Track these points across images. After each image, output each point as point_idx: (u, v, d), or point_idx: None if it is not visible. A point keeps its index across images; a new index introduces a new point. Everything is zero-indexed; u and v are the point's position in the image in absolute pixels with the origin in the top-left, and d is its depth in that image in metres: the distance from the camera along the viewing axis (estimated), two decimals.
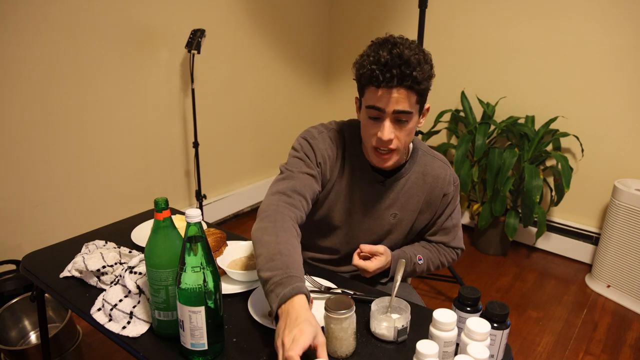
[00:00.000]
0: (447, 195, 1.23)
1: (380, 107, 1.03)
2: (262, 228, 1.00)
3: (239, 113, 3.01)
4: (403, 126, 1.06)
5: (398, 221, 1.23)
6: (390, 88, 1.00)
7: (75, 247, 1.27)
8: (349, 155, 1.19)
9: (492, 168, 2.49)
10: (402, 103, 1.02)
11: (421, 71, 1.00)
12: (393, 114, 1.03)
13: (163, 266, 0.88)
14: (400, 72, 0.98)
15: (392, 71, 0.98)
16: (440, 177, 1.22)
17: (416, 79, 0.99)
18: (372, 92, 1.03)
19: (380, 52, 1.00)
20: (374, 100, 1.03)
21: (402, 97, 1.01)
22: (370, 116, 1.06)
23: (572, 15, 2.45)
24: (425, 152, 1.24)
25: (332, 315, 0.85)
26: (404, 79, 0.99)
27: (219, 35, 2.71)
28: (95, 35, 2.18)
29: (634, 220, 2.21)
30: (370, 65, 1.01)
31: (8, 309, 1.75)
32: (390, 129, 1.04)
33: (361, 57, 1.06)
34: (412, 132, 1.09)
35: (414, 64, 0.99)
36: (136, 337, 0.95)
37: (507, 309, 0.87)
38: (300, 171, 1.13)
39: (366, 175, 1.19)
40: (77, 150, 2.23)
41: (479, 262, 2.68)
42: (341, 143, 1.20)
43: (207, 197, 2.80)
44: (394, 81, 0.99)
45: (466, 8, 2.79)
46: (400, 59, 0.98)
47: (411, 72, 0.98)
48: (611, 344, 2.02)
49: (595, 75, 2.46)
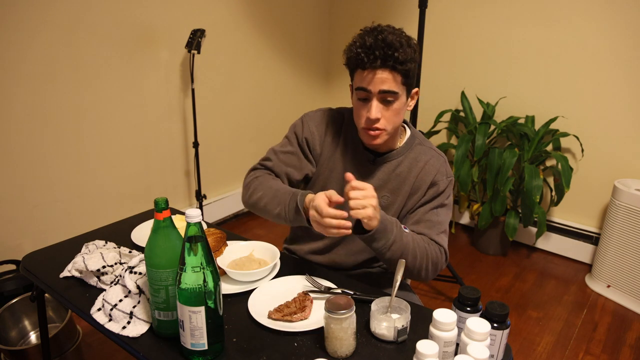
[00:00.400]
0: (437, 185, 1.21)
1: (366, 88, 1.10)
2: (252, 191, 1.20)
3: (239, 113, 3.01)
4: (390, 106, 1.12)
5: (389, 204, 1.24)
6: (375, 69, 1.07)
7: (75, 247, 1.27)
8: (345, 134, 1.27)
9: (492, 168, 2.49)
10: (387, 83, 1.08)
11: (403, 52, 1.06)
12: (379, 94, 1.10)
13: (163, 266, 0.88)
14: (383, 54, 1.05)
15: (375, 53, 1.06)
16: (432, 164, 1.22)
17: (398, 59, 1.06)
18: (360, 75, 1.11)
19: (366, 37, 1.08)
20: (361, 82, 1.11)
21: (386, 77, 1.08)
22: (359, 97, 1.13)
23: (572, 15, 2.45)
24: (421, 142, 1.27)
25: (332, 315, 0.85)
26: (387, 59, 1.06)
27: (219, 35, 2.71)
28: (95, 36, 2.18)
29: (634, 220, 2.21)
30: (357, 49, 1.09)
31: (8, 309, 1.75)
32: (378, 108, 1.11)
33: (350, 44, 1.13)
34: (400, 113, 1.14)
35: (397, 46, 1.06)
36: (136, 337, 0.95)
37: (507, 309, 0.87)
38: (281, 151, 1.26)
39: (358, 155, 1.25)
40: (77, 150, 2.23)
41: (479, 262, 2.68)
42: (338, 122, 1.28)
43: (207, 197, 2.80)
44: (378, 62, 1.06)
45: (466, 8, 2.79)
46: (383, 42, 1.06)
47: (393, 52, 1.05)
48: (611, 344, 2.02)
49: (595, 76, 2.46)
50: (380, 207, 1.20)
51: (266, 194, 1.17)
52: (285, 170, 1.25)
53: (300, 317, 0.98)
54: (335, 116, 1.29)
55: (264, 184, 1.19)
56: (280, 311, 0.99)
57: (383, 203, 1.23)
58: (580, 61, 2.49)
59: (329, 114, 1.29)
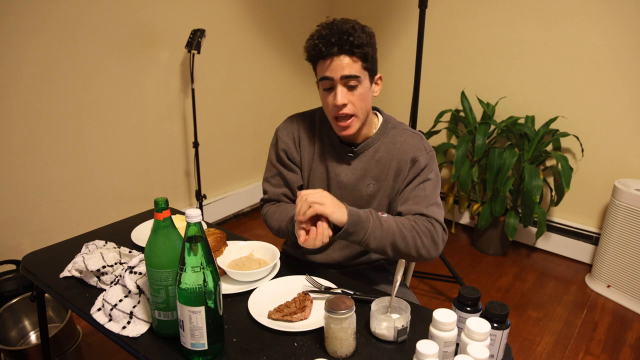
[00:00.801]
0: (418, 162, 1.20)
1: (328, 76, 1.13)
2: (269, 227, 1.29)
3: (239, 113, 3.01)
4: (354, 91, 1.14)
5: (374, 191, 1.25)
6: (333, 55, 1.11)
7: (75, 247, 1.27)
8: (320, 134, 1.29)
9: (492, 168, 2.49)
10: (347, 68, 1.11)
11: (359, 37, 1.10)
12: (341, 79, 1.12)
13: (163, 266, 0.88)
14: (339, 39, 1.09)
15: (331, 40, 1.09)
16: (409, 143, 1.23)
17: (354, 43, 1.09)
18: (321, 65, 1.14)
19: (322, 30, 1.12)
20: (323, 71, 1.14)
21: (346, 62, 1.11)
22: (324, 88, 1.16)
23: (572, 15, 2.45)
24: (395, 126, 1.28)
25: (332, 315, 0.85)
26: (343, 44, 1.09)
27: (219, 35, 2.71)
28: (95, 36, 2.18)
29: (634, 220, 2.21)
30: (313, 41, 1.13)
31: (8, 309, 1.75)
32: (343, 93, 1.13)
33: (307, 39, 1.16)
34: (366, 98, 1.16)
35: (351, 31, 1.10)
36: (136, 337, 0.95)
37: (507, 309, 0.87)
38: (269, 177, 1.33)
39: (336, 150, 1.27)
40: (77, 150, 2.23)
41: (479, 262, 2.68)
42: (309, 123, 1.31)
43: (207, 197, 2.80)
44: (335, 49, 1.10)
45: (466, 8, 2.79)
46: (338, 29, 1.10)
47: (348, 37, 1.09)
48: (611, 344, 2.02)
49: (595, 76, 2.46)
50: (367, 196, 1.23)
51: (273, 226, 1.27)
52: (281, 193, 1.32)
53: (300, 317, 0.98)
54: (305, 118, 1.32)
55: (270, 219, 1.29)
56: (280, 311, 0.99)
57: (369, 191, 1.25)
58: (580, 61, 2.49)
59: (298, 118, 1.33)
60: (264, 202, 1.35)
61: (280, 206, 1.28)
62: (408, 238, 1.11)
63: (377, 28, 3.17)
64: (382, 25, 3.18)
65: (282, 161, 1.30)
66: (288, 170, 1.30)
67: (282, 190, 1.31)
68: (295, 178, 1.31)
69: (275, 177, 1.32)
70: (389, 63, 3.21)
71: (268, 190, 1.33)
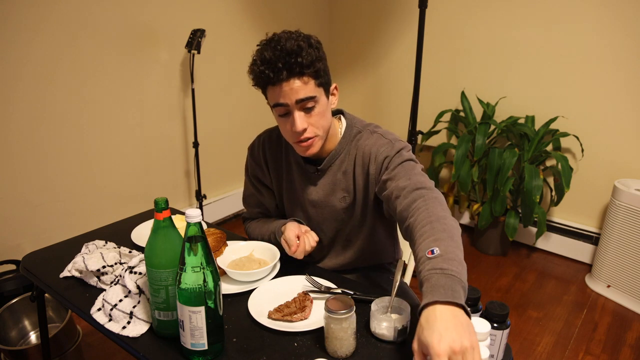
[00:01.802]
0: (390, 157, 1.11)
1: (282, 102, 1.06)
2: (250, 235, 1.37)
3: (239, 113, 3.01)
4: (312, 112, 1.08)
5: (350, 203, 1.20)
6: (282, 81, 1.03)
7: (75, 247, 1.27)
8: (286, 154, 1.26)
9: (492, 168, 2.49)
10: (301, 91, 1.04)
11: (306, 55, 1.02)
12: (297, 103, 1.05)
13: (163, 266, 0.88)
14: (286, 62, 1.01)
15: (278, 65, 1.01)
16: (376, 145, 1.14)
17: (302, 64, 1.01)
18: (272, 91, 1.07)
19: (265, 53, 1.03)
20: (275, 98, 1.06)
21: (298, 86, 1.03)
22: (280, 114, 1.09)
23: (572, 15, 2.45)
24: (360, 129, 1.19)
25: (332, 315, 0.85)
26: (292, 68, 1.01)
27: (219, 35, 2.71)
28: (95, 36, 2.18)
29: (634, 220, 2.21)
30: (259, 67, 1.04)
31: (8, 309, 1.75)
32: (301, 118, 1.07)
33: (251, 63, 1.08)
34: (325, 114, 1.10)
35: (297, 52, 1.01)
36: (136, 337, 0.95)
37: (507, 309, 0.87)
38: (247, 197, 1.37)
39: (301, 169, 1.23)
40: (77, 150, 2.23)
41: (479, 262, 2.68)
42: (276, 143, 1.27)
43: (207, 197, 2.80)
44: (283, 74, 1.02)
45: (466, 8, 2.79)
46: (282, 51, 1.01)
47: (296, 59, 1.01)
48: (611, 344, 2.02)
49: (595, 76, 2.46)
50: (342, 209, 1.21)
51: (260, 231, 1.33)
52: (257, 211, 1.37)
53: (300, 317, 0.98)
54: (272, 138, 1.27)
55: (251, 234, 1.36)
56: (280, 311, 0.99)
57: (345, 204, 1.21)
58: (580, 61, 2.49)
59: (265, 137, 1.28)
60: (244, 221, 1.41)
61: (260, 221, 1.35)
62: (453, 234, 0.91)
63: (377, 28, 3.18)
64: (382, 25, 3.18)
65: (254, 184, 1.33)
66: (260, 194, 1.33)
67: (258, 209, 1.37)
68: (269, 198, 1.33)
69: (251, 197, 1.36)
70: (389, 63, 3.21)
71: (246, 209, 1.40)
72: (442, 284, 0.79)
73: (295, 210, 1.29)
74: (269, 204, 1.34)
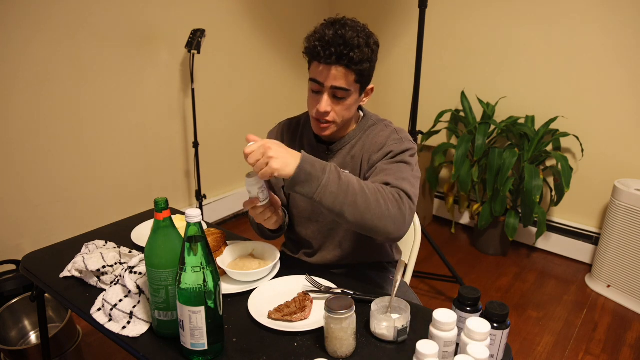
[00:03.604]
0: (394, 153, 1.15)
1: (319, 81, 1.11)
2: None
3: (239, 113, 3.01)
4: (340, 102, 1.13)
5: None
6: (329, 65, 1.08)
7: (75, 247, 1.27)
8: (301, 137, 1.31)
9: (492, 168, 2.49)
10: (339, 80, 1.09)
11: (360, 53, 1.07)
12: (331, 89, 1.11)
13: (163, 266, 0.88)
14: (339, 51, 1.05)
15: (331, 49, 1.06)
16: (382, 135, 1.21)
17: (353, 59, 1.06)
18: (315, 67, 1.12)
19: (327, 30, 1.08)
20: (315, 74, 1.12)
21: (339, 74, 1.08)
22: (313, 89, 1.14)
23: (572, 15, 2.45)
24: (375, 122, 1.26)
25: (332, 315, 0.85)
26: (342, 58, 1.06)
27: (219, 35, 2.71)
28: (95, 36, 2.18)
29: (634, 220, 2.21)
30: (315, 41, 1.09)
31: (8, 309, 1.75)
32: (328, 102, 1.12)
33: (311, 33, 1.13)
34: (351, 108, 1.16)
35: (353, 46, 1.06)
36: (136, 337, 0.95)
37: (507, 309, 0.87)
38: None
39: (314, 149, 1.27)
40: (77, 150, 2.23)
41: (479, 262, 2.68)
42: (294, 128, 1.33)
43: (207, 197, 2.80)
44: (332, 58, 1.07)
45: (466, 8, 2.79)
46: (342, 39, 1.05)
47: (349, 52, 1.05)
48: (611, 344, 2.02)
49: (595, 75, 2.46)
50: None
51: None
52: None
53: (300, 317, 0.98)
54: (291, 124, 1.34)
55: None
56: (280, 311, 0.99)
57: None
58: (580, 61, 2.49)
59: (285, 123, 1.35)
60: None
61: None
62: (371, 200, 0.98)
63: (377, 28, 3.18)
64: (382, 25, 3.18)
65: None
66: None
67: None
68: (276, 180, 1.32)
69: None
70: (389, 63, 3.21)
71: None
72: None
73: (296, 195, 1.29)
74: (275, 185, 1.33)
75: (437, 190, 3.14)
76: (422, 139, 2.93)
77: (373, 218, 0.99)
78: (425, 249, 2.60)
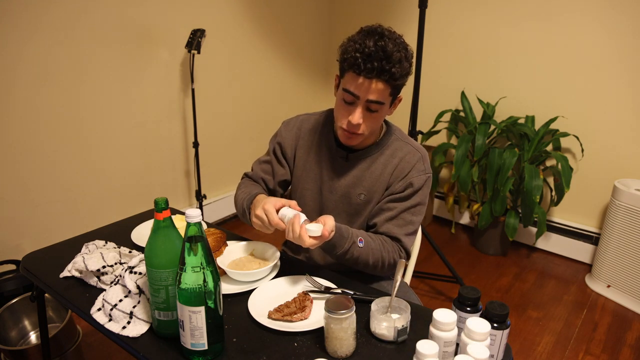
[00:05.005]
0: (412, 184, 1.19)
1: (356, 94, 1.09)
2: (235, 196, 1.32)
3: (239, 113, 3.01)
4: (372, 114, 1.12)
5: (365, 202, 1.24)
6: (369, 79, 1.06)
7: (75, 247, 1.27)
8: (320, 135, 1.29)
9: (492, 168, 2.49)
10: (376, 94, 1.08)
11: (400, 68, 1.06)
12: (366, 102, 1.09)
13: (163, 266, 0.89)
14: (381, 66, 1.04)
15: (373, 63, 1.04)
16: (407, 160, 1.21)
17: (394, 75, 1.05)
18: (352, 77, 1.08)
19: (367, 41, 1.05)
20: (352, 86, 1.09)
21: (378, 88, 1.07)
22: (346, 100, 1.12)
23: (572, 15, 2.45)
24: (399, 138, 1.25)
25: (332, 315, 0.85)
26: (383, 73, 1.05)
27: (219, 35, 2.71)
28: (95, 36, 2.18)
29: (634, 220, 2.21)
30: (355, 52, 1.05)
31: (8, 309, 1.75)
32: (360, 114, 1.11)
33: (348, 41, 1.10)
34: (380, 119, 1.16)
35: (395, 61, 1.04)
36: (136, 337, 0.95)
37: (507, 309, 0.87)
38: (260, 161, 1.35)
39: (332, 153, 1.26)
40: (77, 150, 2.23)
41: (479, 262, 2.68)
42: (313, 125, 1.31)
43: (207, 197, 2.80)
44: (374, 73, 1.05)
45: (466, 8, 2.79)
46: (383, 52, 1.03)
47: (391, 68, 1.04)
48: (611, 344, 2.02)
49: (595, 75, 2.46)
50: (357, 205, 1.24)
51: (238, 197, 1.29)
52: (261, 176, 1.33)
53: (300, 317, 0.98)
54: (311, 119, 1.32)
55: (240, 189, 1.31)
56: (280, 311, 0.99)
57: (360, 200, 1.24)
58: (580, 61, 2.49)
59: (304, 118, 1.33)
60: (244, 177, 1.38)
61: (254, 184, 1.32)
62: (367, 262, 1.16)
63: None
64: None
65: (275, 153, 1.32)
66: (277, 163, 1.32)
67: (265, 175, 1.33)
68: (281, 172, 1.32)
69: (264, 164, 1.34)
70: None
71: (254, 168, 1.36)
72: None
73: (306, 193, 1.29)
74: (278, 176, 1.32)
75: (437, 190, 3.14)
76: (422, 139, 2.93)
77: (369, 271, 1.20)
78: (425, 249, 2.60)
